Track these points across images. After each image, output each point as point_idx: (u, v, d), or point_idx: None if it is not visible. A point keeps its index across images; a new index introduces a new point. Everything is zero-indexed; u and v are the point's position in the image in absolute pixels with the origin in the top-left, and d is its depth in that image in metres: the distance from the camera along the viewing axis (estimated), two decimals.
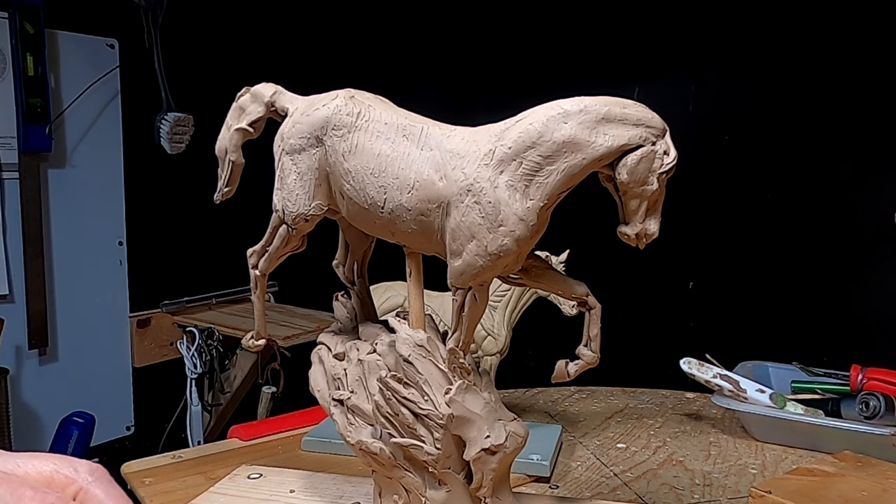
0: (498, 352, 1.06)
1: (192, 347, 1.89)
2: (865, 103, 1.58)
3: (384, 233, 0.64)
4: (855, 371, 1.06)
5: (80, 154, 1.89)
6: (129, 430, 2.03)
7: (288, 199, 0.66)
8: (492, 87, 2.17)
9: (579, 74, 1.89)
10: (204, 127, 1.86)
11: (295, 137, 0.65)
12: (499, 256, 0.57)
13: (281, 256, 0.70)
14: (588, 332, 0.64)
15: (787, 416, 1.01)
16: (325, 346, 0.73)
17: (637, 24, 1.86)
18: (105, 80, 1.87)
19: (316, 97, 0.66)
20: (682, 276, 1.87)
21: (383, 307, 1.04)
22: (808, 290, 1.68)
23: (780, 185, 1.72)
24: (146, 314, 2.04)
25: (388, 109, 0.63)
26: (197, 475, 0.91)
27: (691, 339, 1.80)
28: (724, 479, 0.93)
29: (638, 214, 0.56)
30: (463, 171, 0.57)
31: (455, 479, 0.63)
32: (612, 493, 0.88)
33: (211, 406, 1.96)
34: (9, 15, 1.69)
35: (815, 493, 0.77)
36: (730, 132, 1.79)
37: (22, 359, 1.84)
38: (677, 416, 1.17)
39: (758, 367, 1.17)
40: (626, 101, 0.55)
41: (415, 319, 0.66)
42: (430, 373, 0.62)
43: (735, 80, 1.77)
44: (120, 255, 2.01)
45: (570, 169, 0.55)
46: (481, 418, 0.61)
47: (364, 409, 0.66)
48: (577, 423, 1.12)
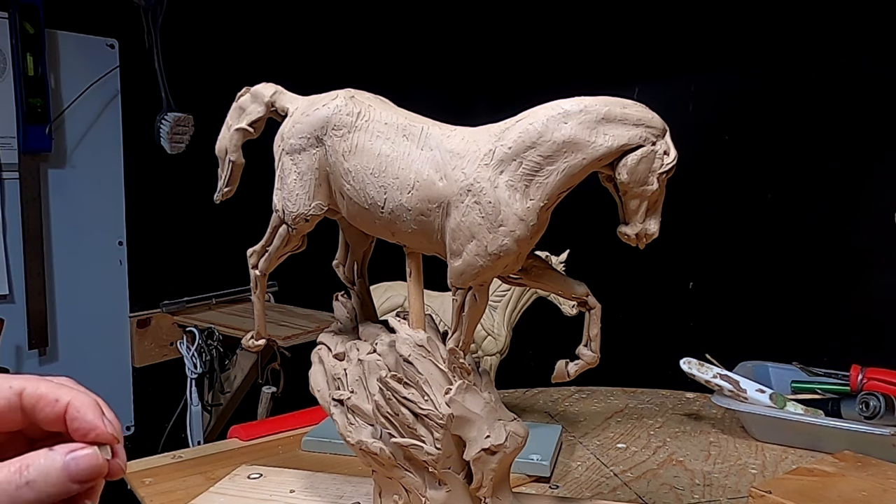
0: (498, 352, 1.06)
1: (192, 347, 1.89)
2: (865, 103, 1.58)
3: (384, 233, 0.64)
4: (855, 371, 1.06)
5: (80, 154, 1.89)
6: (129, 430, 2.03)
7: (288, 199, 0.66)
8: (492, 87, 2.17)
9: (579, 74, 1.89)
10: (204, 127, 1.86)
11: (295, 137, 0.65)
12: (499, 256, 0.57)
13: (281, 256, 0.70)
14: (588, 332, 0.64)
15: (787, 416, 1.01)
16: (325, 346, 0.73)
17: (637, 24, 1.86)
18: (105, 80, 1.87)
19: (316, 97, 0.66)
20: (682, 276, 1.86)
21: (383, 307, 1.04)
22: (809, 290, 1.68)
23: (780, 185, 1.72)
24: (146, 314, 2.04)
25: (388, 109, 0.63)
26: (197, 475, 0.91)
27: (691, 339, 1.80)
28: (724, 479, 0.93)
29: (638, 214, 0.56)
30: (463, 171, 0.57)
31: (455, 479, 0.63)
32: (612, 493, 0.88)
33: (211, 406, 1.96)
34: (9, 15, 1.69)
35: (815, 493, 0.77)
36: (730, 132, 1.79)
37: (22, 359, 1.84)
38: (677, 416, 1.17)
39: (758, 367, 1.17)
40: (626, 101, 0.55)
41: (415, 319, 0.66)
42: (430, 373, 0.62)
43: (735, 80, 1.77)
44: (120, 255, 2.00)
45: (570, 169, 0.55)
46: (481, 418, 0.61)
47: (364, 409, 0.66)
48: (577, 423, 1.12)
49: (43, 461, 0.35)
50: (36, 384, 0.37)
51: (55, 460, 0.35)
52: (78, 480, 0.35)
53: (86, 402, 0.38)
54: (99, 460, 0.36)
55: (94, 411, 0.38)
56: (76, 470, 0.35)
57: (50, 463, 0.35)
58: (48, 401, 0.37)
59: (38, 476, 0.35)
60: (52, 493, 0.35)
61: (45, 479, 0.35)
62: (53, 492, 0.35)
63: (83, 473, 0.36)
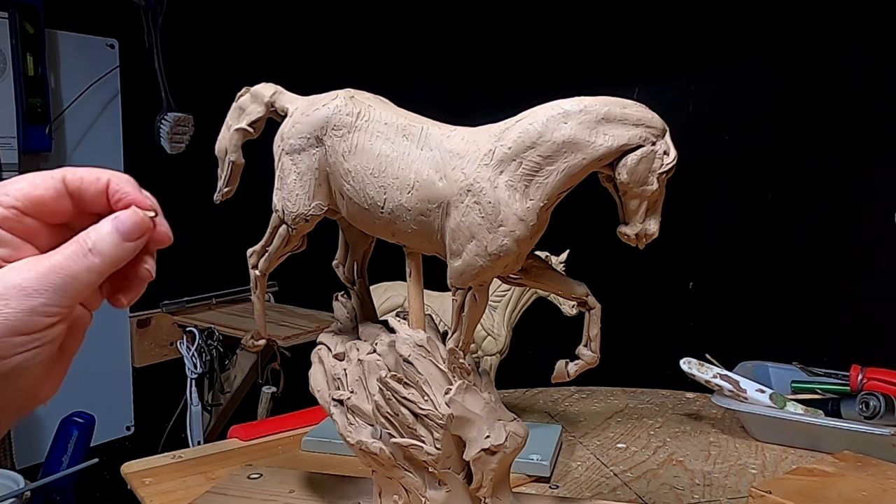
0: (498, 352, 1.06)
1: (192, 347, 1.89)
2: (866, 103, 1.58)
3: (384, 233, 0.64)
4: (855, 371, 1.06)
5: (80, 154, 1.88)
6: (129, 430, 2.02)
7: (288, 199, 0.66)
8: (492, 87, 2.17)
9: (579, 74, 1.89)
10: (204, 127, 1.86)
11: (295, 137, 0.65)
12: (499, 256, 0.57)
13: (281, 256, 0.70)
14: (588, 333, 0.64)
15: (787, 416, 1.01)
16: (325, 346, 0.73)
17: (637, 24, 1.86)
18: (105, 80, 1.87)
19: (316, 97, 0.66)
20: (682, 276, 1.86)
21: (383, 307, 1.04)
22: (809, 290, 1.68)
23: (780, 185, 1.72)
24: (146, 314, 2.03)
25: (387, 109, 0.63)
26: (197, 475, 0.91)
27: (691, 339, 1.80)
28: (724, 479, 0.93)
29: (638, 214, 0.56)
30: (463, 171, 0.57)
31: (455, 479, 0.63)
32: (612, 493, 0.88)
33: (211, 406, 1.95)
34: (9, 15, 1.68)
35: (815, 493, 0.77)
36: (730, 132, 1.79)
37: None
38: (677, 416, 1.17)
39: (758, 367, 1.17)
40: (626, 101, 0.55)
41: (415, 319, 0.66)
42: (430, 373, 0.62)
43: (735, 80, 1.77)
44: None
45: (570, 169, 0.55)
46: (481, 418, 0.61)
47: (364, 409, 0.66)
48: (577, 423, 1.12)
49: (96, 228, 0.41)
50: (74, 169, 0.42)
51: (105, 225, 0.41)
52: (128, 237, 0.41)
53: (123, 178, 0.43)
54: (139, 216, 0.42)
55: (132, 185, 0.43)
56: (123, 227, 0.41)
57: (102, 228, 0.41)
58: (90, 180, 0.42)
59: (97, 241, 0.40)
60: (114, 255, 0.41)
61: (103, 242, 0.40)
62: (114, 252, 0.41)
63: (130, 229, 0.41)
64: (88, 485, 1.70)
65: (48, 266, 0.39)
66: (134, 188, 0.43)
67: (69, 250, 0.40)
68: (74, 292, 0.39)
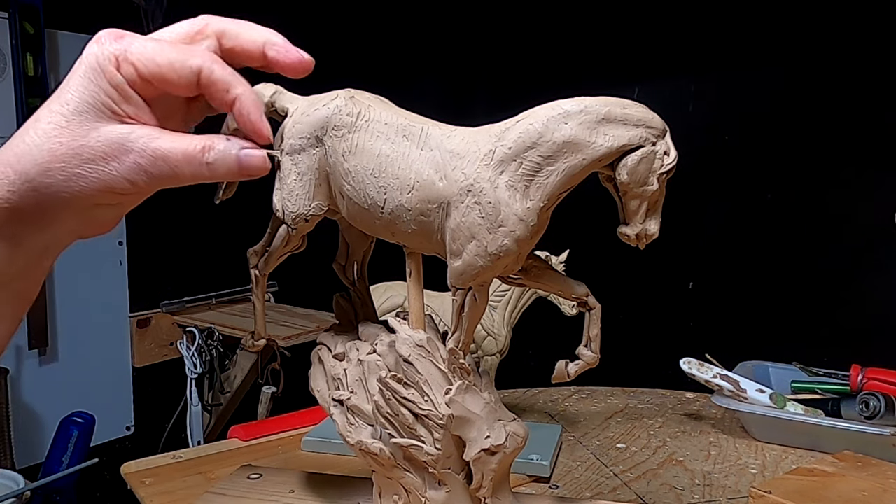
0: (498, 352, 1.06)
1: (192, 347, 1.89)
2: (865, 103, 1.58)
3: (384, 233, 0.64)
4: (855, 371, 1.06)
5: None
6: (129, 430, 2.03)
7: (288, 199, 0.66)
8: (492, 87, 2.17)
9: (579, 74, 1.89)
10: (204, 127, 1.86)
11: (295, 137, 0.65)
12: (499, 257, 0.57)
13: (281, 256, 0.70)
14: (588, 333, 0.64)
15: (787, 416, 1.01)
16: (325, 346, 0.73)
17: (637, 24, 1.86)
18: None
19: (316, 97, 0.66)
20: (682, 276, 1.87)
21: (383, 307, 1.04)
22: (809, 290, 1.68)
23: (780, 185, 1.72)
24: (146, 314, 2.04)
25: (388, 109, 0.63)
26: (197, 475, 0.91)
27: (691, 339, 1.80)
28: (724, 479, 0.93)
29: (638, 215, 0.56)
30: (463, 171, 0.57)
31: (455, 480, 0.63)
32: (612, 493, 0.88)
33: (211, 406, 1.96)
34: (9, 15, 1.69)
35: (815, 493, 0.77)
36: (730, 132, 1.80)
37: (22, 359, 1.84)
38: (677, 416, 1.17)
39: (758, 367, 1.17)
40: (627, 101, 0.55)
41: (415, 319, 0.66)
42: (430, 373, 0.62)
43: (735, 80, 1.77)
44: (120, 255, 2.00)
45: (570, 169, 0.55)
46: (481, 419, 0.61)
47: (364, 409, 0.66)
48: (577, 423, 1.12)
49: (223, 147, 0.43)
50: (211, 67, 0.43)
51: (231, 152, 0.43)
52: (245, 174, 0.44)
53: (251, 100, 0.44)
54: (266, 164, 0.44)
55: (259, 111, 0.45)
56: (247, 165, 0.43)
57: (228, 152, 0.43)
58: (219, 88, 0.44)
59: (217, 160, 0.42)
60: (223, 176, 0.43)
61: (223, 165, 0.43)
62: (225, 175, 0.43)
63: (252, 170, 0.44)
64: (88, 485, 1.71)
65: (164, 153, 0.41)
66: (258, 115, 0.44)
67: (190, 149, 0.42)
68: (169, 182, 0.42)
